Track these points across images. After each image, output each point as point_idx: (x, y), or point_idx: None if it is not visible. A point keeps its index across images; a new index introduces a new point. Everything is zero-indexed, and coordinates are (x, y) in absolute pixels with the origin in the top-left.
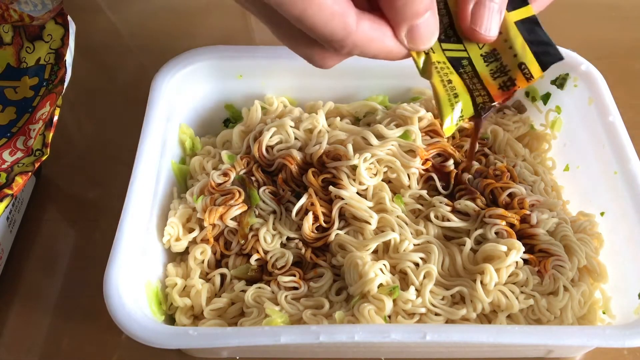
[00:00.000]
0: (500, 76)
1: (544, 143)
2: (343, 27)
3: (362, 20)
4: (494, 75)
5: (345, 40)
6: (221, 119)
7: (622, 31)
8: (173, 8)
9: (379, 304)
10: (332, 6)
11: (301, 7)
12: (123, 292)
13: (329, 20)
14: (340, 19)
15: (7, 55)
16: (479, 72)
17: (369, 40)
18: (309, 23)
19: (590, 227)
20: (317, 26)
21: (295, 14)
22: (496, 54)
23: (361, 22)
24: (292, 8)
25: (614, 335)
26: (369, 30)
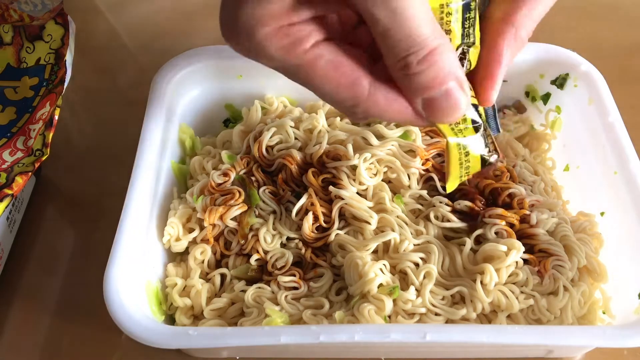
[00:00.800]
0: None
1: (544, 143)
2: (352, 97)
3: (376, 90)
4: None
5: (355, 108)
6: (221, 119)
7: (622, 31)
8: (173, 8)
9: (379, 304)
10: (338, 79)
11: (305, 76)
12: (123, 292)
13: (335, 92)
14: (347, 90)
15: (7, 55)
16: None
17: (383, 109)
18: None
19: (590, 227)
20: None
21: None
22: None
23: (375, 92)
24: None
25: (614, 335)
26: (383, 100)
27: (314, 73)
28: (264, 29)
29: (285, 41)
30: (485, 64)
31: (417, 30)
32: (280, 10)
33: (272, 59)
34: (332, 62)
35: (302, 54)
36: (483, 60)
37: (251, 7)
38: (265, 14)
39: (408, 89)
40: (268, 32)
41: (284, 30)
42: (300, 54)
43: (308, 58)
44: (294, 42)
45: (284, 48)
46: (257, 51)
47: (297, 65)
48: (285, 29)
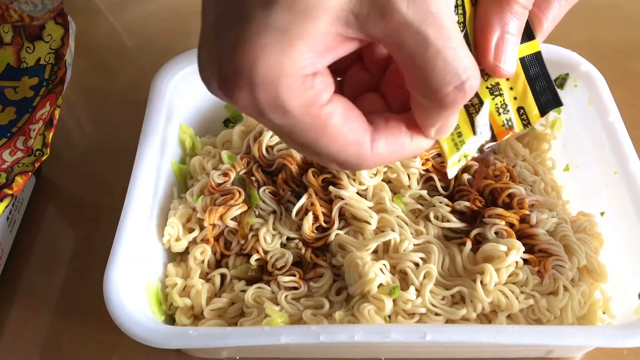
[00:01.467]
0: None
1: (544, 143)
2: (356, 156)
3: (377, 142)
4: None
5: (359, 166)
6: (221, 119)
7: (622, 31)
8: (173, 8)
9: (379, 304)
10: (346, 136)
11: (313, 137)
12: (123, 292)
13: (342, 150)
14: (353, 149)
15: (7, 55)
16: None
17: (385, 159)
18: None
19: (590, 227)
20: (328, 156)
21: (305, 143)
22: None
23: (376, 144)
24: (302, 138)
25: (614, 335)
26: (384, 150)
27: (324, 131)
28: (288, 80)
29: (308, 94)
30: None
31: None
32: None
33: (288, 115)
34: (342, 118)
35: (320, 109)
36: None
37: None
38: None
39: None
40: (292, 83)
41: (307, 81)
42: (318, 109)
43: (324, 114)
44: (316, 96)
45: (305, 103)
46: (274, 106)
47: (311, 122)
48: (309, 79)
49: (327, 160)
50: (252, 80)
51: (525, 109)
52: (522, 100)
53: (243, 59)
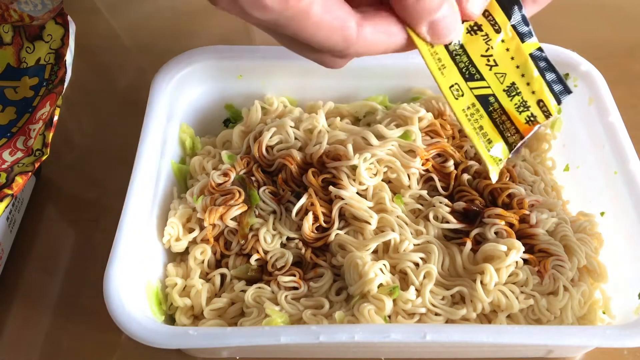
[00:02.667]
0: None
1: (544, 143)
2: (343, 40)
3: (363, 27)
4: (518, 110)
5: (347, 50)
6: (221, 119)
7: (622, 31)
8: (172, 8)
9: (379, 304)
10: (330, 22)
11: (298, 27)
12: (123, 292)
13: (328, 36)
14: (339, 33)
15: (7, 55)
16: (505, 107)
17: (373, 45)
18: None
19: (590, 227)
20: (317, 42)
21: (293, 34)
22: (516, 88)
23: (363, 30)
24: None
25: (614, 335)
26: (371, 36)
27: (307, 21)
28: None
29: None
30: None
31: None
32: None
33: (269, 11)
34: (324, 7)
35: (298, 2)
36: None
37: None
38: None
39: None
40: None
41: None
42: (296, 2)
43: (303, 6)
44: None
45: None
46: (254, 4)
47: (291, 15)
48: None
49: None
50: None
51: (544, 101)
52: (540, 94)
53: None
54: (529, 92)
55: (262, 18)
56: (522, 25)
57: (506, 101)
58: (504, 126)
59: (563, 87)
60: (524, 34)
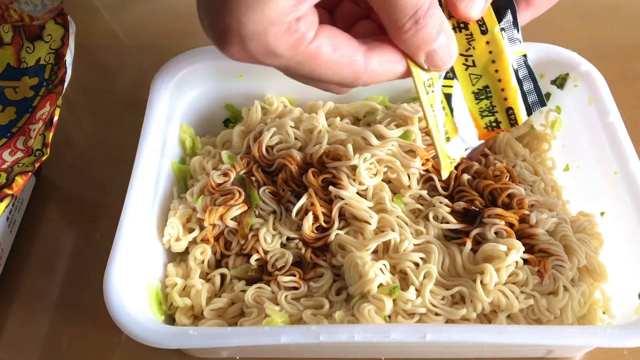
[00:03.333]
0: (488, 115)
1: (544, 143)
2: (352, 75)
3: (370, 60)
4: (482, 114)
5: (355, 83)
6: (221, 119)
7: (622, 31)
8: (172, 8)
9: (379, 304)
10: (339, 60)
11: (309, 69)
12: (123, 292)
13: (337, 74)
14: (348, 69)
15: (7, 55)
16: (469, 109)
17: (379, 75)
18: (317, 80)
19: (590, 227)
20: (326, 81)
21: (303, 75)
22: (487, 92)
23: (369, 62)
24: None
25: (614, 335)
26: (378, 67)
27: (317, 62)
28: (274, 29)
29: (293, 37)
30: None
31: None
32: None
33: (280, 57)
34: (331, 46)
35: (308, 46)
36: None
37: (260, 9)
38: (276, 14)
39: (414, 46)
40: (278, 31)
41: (292, 26)
42: (306, 46)
43: (312, 50)
44: (301, 37)
45: (293, 45)
46: (266, 53)
47: (302, 59)
48: (293, 24)
49: (327, 84)
50: (242, 34)
51: (514, 109)
52: (512, 102)
53: (231, 16)
54: (501, 98)
55: (274, 64)
56: (511, 29)
57: (472, 103)
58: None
59: (538, 99)
60: (512, 39)
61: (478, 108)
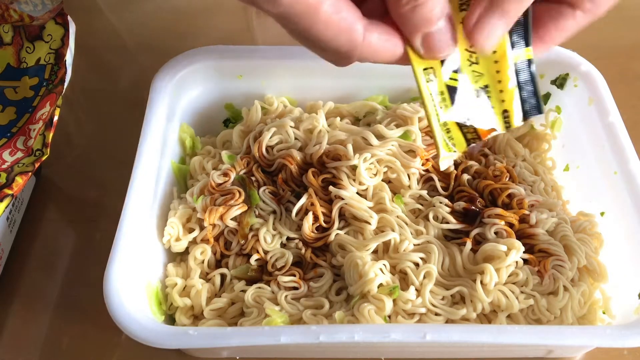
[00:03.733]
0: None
1: (544, 143)
2: (349, 43)
3: (370, 33)
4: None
5: (351, 53)
6: (221, 119)
7: (622, 31)
8: (173, 8)
9: (379, 304)
10: (338, 23)
11: (307, 23)
12: (123, 292)
13: (335, 36)
14: (346, 35)
15: (7, 55)
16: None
17: (377, 51)
18: (313, 39)
19: (590, 227)
20: (323, 41)
21: (299, 30)
22: (487, 91)
23: (369, 35)
24: (297, 24)
25: (614, 335)
26: (377, 42)
27: (317, 18)
28: None
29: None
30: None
31: None
32: None
33: (278, 3)
34: (333, 6)
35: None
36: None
37: None
38: None
39: (411, 23)
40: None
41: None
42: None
43: (313, 2)
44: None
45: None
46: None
47: (302, 10)
48: None
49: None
50: None
51: (509, 113)
52: (509, 104)
53: None
54: (498, 99)
55: (274, 12)
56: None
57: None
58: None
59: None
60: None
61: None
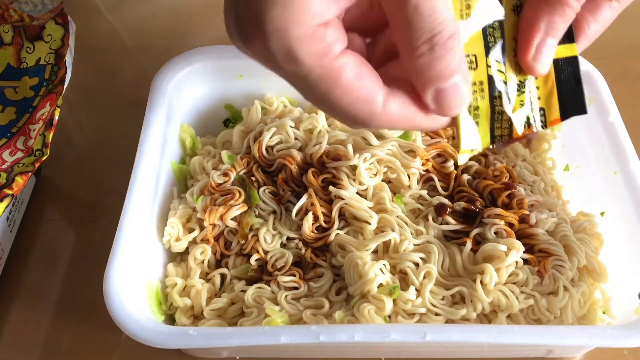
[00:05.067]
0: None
1: (544, 143)
2: (367, 112)
3: (390, 102)
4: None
5: (369, 122)
6: (221, 119)
7: (622, 31)
8: (173, 8)
9: (379, 304)
10: (358, 91)
11: (326, 88)
12: (123, 292)
13: (352, 105)
14: (364, 105)
15: (7, 55)
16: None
17: (396, 121)
18: (331, 106)
19: (590, 227)
20: (340, 108)
21: (317, 96)
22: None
23: (389, 104)
24: (316, 88)
25: (614, 335)
26: (397, 111)
27: (336, 84)
28: (298, 30)
29: (318, 46)
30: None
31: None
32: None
33: (301, 65)
34: (355, 72)
35: (332, 60)
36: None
37: (282, 5)
38: (301, 13)
39: (424, 76)
40: (302, 34)
41: (319, 32)
42: (330, 60)
43: (336, 66)
44: (327, 48)
45: (316, 54)
46: (287, 56)
47: (323, 74)
48: (320, 30)
49: (339, 115)
50: (264, 29)
51: (546, 111)
52: (546, 101)
53: (255, 7)
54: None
55: (292, 73)
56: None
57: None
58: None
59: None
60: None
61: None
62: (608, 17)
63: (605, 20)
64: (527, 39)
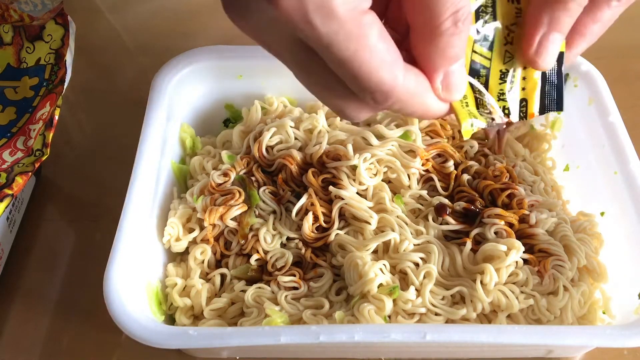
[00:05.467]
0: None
1: (544, 143)
2: (391, 78)
3: (408, 73)
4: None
5: (390, 92)
6: (221, 119)
7: (622, 31)
8: (173, 8)
9: (379, 304)
10: (384, 53)
11: (353, 49)
12: (123, 292)
13: (378, 68)
14: (390, 69)
15: (7, 55)
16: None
17: (412, 95)
18: (356, 69)
19: (590, 227)
20: (364, 74)
21: (343, 57)
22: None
23: (408, 75)
24: (342, 50)
25: (614, 335)
26: (414, 85)
27: (364, 43)
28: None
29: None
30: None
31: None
32: None
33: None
34: (381, 33)
35: (361, 17)
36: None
37: None
38: None
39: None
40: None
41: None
42: (359, 17)
43: (364, 24)
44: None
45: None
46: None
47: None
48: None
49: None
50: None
51: (527, 103)
52: (528, 93)
53: None
54: (520, 86)
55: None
56: None
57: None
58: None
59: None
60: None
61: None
62: (608, 17)
63: (604, 20)
64: (530, 35)
